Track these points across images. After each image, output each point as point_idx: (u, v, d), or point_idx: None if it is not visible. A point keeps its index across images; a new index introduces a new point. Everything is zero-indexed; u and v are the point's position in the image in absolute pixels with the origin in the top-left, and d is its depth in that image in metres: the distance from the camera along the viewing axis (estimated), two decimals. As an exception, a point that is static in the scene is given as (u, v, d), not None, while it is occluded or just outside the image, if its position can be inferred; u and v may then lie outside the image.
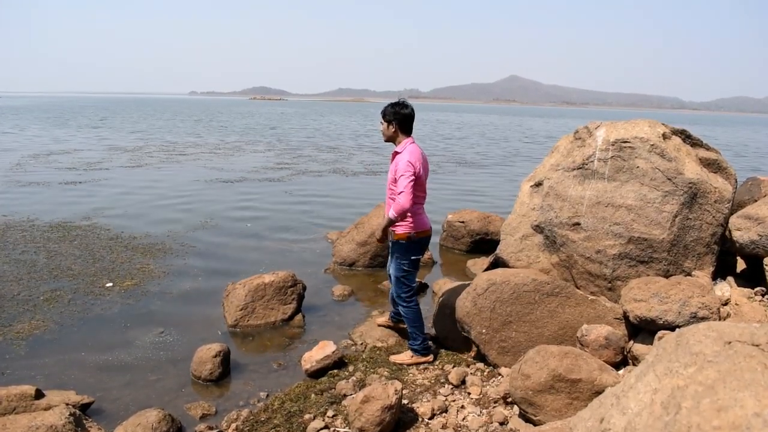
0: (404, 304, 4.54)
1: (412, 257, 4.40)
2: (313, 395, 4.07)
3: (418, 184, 4.25)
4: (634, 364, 3.97)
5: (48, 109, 63.79)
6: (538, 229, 4.85)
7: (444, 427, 3.62)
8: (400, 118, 4.29)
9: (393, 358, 4.61)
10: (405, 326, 4.94)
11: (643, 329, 4.03)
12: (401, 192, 4.12)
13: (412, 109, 4.36)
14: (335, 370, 4.44)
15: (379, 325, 5.20)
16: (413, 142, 4.35)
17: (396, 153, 4.32)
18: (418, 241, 4.40)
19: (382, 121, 4.35)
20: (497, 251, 5.15)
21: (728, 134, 53.38)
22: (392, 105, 4.32)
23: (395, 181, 4.24)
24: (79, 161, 17.18)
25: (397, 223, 4.31)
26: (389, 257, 4.65)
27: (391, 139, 4.36)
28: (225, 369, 4.45)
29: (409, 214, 4.28)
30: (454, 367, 4.43)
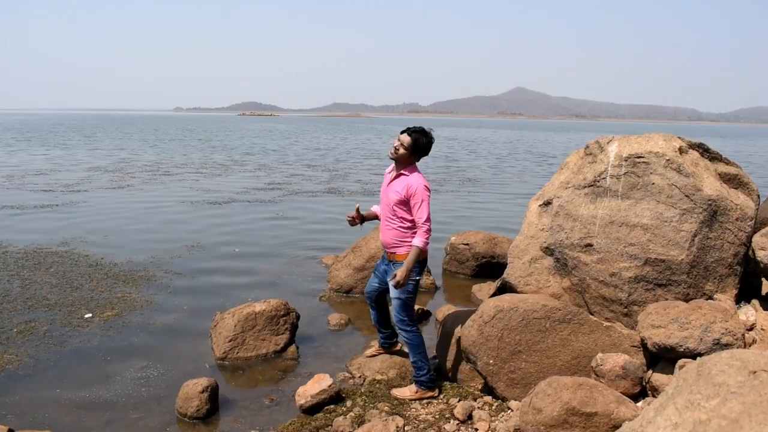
0: (407, 329, 4.57)
1: (416, 277, 4.50)
2: (308, 433, 4.04)
3: None
4: (653, 396, 3.95)
5: (23, 127, 64.08)
6: (547, 251, 4.86)
7: (450, 466, 3.60)
8: (424, 153, 4.48)
9: (395, 392, 4.59)
10: (398, 349, 5.23)
11: (663, 358, 4.03)
12: (427, 219, 4.33)
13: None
14: (332, 406, 4.41)
15: (369, 356, 5.21)
16: (417, 168, 4.53)
17: (401, 175, 4.45)
18: (420, 262, 4.49)
19: (407, 146, 4.41)
20: (504, 275, 5.15)
21: (750, 147, 53.67)
22: (424, 135, 4.44)
23: (401, 202, 4.39)
24: (55, 183, 17.23)
25: (397, 245, 4.50)
26: (375, 278, 4.88)
27: (401, 160, 4.46)
28: (213, 405, 4.42)
29: (411, 235, 4.45)
30: (459, 400, 4.41)
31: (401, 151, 4.41)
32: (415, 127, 4.50)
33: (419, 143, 4.41)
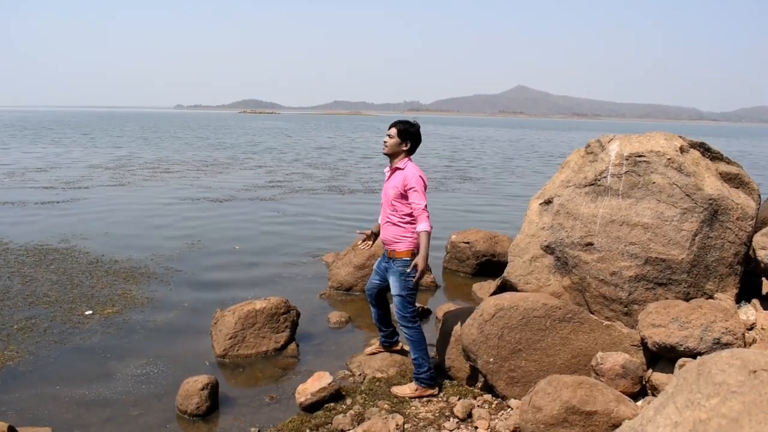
0: (409, 325, 4.57)
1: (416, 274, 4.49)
2: (307, 431, 4.04)
3: None
4: (653, 395, 3.95)
5: (23, 124, 64.08)
6: (548, 249, 4.85)
7: (449, 464, 3.60)
8: (415, 141, 4.57)
9: (395, 389, 4.59)
10: (398, 349, 5.22)
11: (663, 357, 4.03)
12: (425, 205, 4.38)
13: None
14: (332, 404, 4.41)
15: (369, 354, 5.21)
16: (411, 160, 4.59)
17: (397, 169, 4.52)
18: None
19: (394, 135, 4.53)
20: (505, 274, 5.15)
21: (754, 147, 53.60)
22: (410, 125, 4.58)
23: (401, 196, 4.44)
24: (56, 179, 17.23)
25: (397, 241, 4.51)
26: (375, 276, 4.88)
27: (394, 153, 4.56)
28: (213, 403, 4.42)
29: (411, 230, 4.44)
30: (459, 399, 4.41)
31: (390, 141, 4.52)
32: (399, 119, 4.64)
33: (406, 130, 4.52)
